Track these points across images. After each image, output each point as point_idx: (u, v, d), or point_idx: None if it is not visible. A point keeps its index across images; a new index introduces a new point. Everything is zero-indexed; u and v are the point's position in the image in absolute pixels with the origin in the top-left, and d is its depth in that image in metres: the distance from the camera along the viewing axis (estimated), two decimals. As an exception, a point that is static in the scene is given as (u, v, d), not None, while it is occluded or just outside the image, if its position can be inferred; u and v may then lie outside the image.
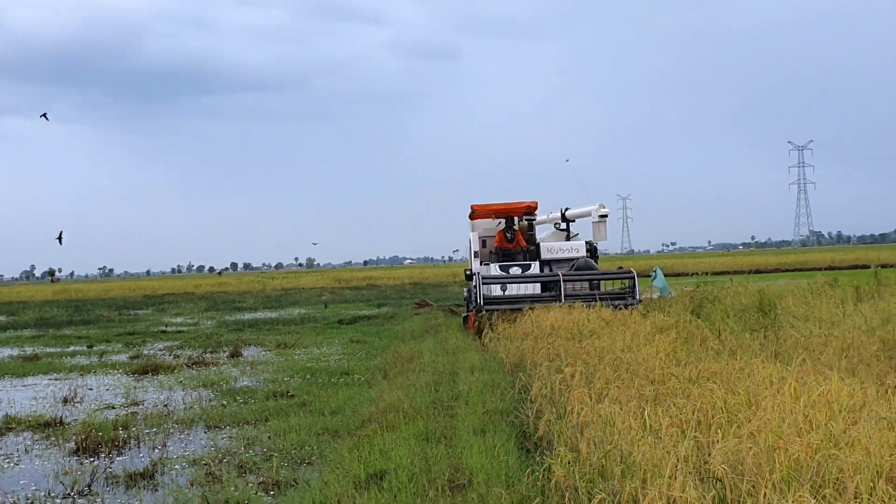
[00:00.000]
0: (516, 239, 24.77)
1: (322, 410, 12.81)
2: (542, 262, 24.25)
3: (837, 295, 22.28)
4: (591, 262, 23.61)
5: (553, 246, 24.87)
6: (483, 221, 25.68)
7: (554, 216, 27.10)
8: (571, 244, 24.98)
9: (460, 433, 9.01)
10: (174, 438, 11.73)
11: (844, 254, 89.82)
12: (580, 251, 24.44)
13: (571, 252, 24.46)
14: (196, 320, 38.78)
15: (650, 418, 6.58)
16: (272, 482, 8.85)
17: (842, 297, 21.60)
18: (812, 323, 15.56)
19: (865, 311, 16.61)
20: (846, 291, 22.49)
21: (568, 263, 23.91)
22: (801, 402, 6.39)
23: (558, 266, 23.96)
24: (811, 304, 19.62)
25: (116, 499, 8.82)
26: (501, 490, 6.47)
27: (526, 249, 24.72)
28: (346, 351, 21.93)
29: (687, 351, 10.61)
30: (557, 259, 24.35)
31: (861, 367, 9.57)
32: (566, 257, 24.30)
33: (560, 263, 24.12)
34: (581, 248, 24.58)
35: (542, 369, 10.36)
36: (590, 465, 5.87)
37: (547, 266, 24.26)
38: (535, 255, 24.47)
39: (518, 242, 24.77)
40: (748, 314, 17.13)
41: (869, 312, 16.38)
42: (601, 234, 24.80)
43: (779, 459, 5.10)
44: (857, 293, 21.69)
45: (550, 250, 24.61)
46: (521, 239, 24.93)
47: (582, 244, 24.75)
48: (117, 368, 20.32)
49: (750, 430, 5.76)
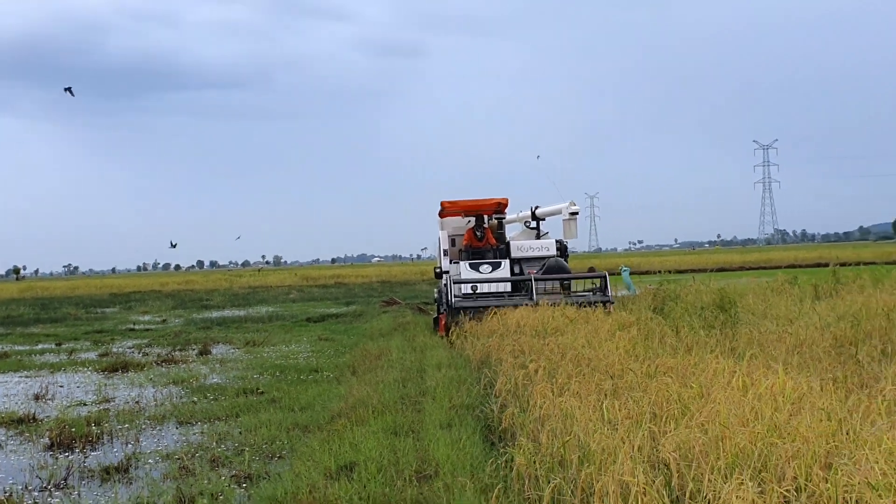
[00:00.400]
0: (486, 237, 24.64)
1: (292, 406, 13.07)
2: (513, 260, 24.07)
3: (797, 293, 22.86)
4: (561, 262, 23.57)
5: (523, 244, 24.75)
6: (453, 219, 25.52)
7: (524, 215, 26.98)
8: (542, 243, 24.88)
9: (427, 427, 9.34)
10: (146, 434, 11.94)
11: (807, 252, 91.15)
12: (550, 250, 24.37)
13: (542, 251, 24.38)
14: (164, 318, 38.77)
15: (608, 411, 6.93)
16: (244, 475, 9.11)
17: (801, 295, 22.17)
18: (770, 320, 16.01)
19: (821, 309, 17.12)
20: (805, 289, 23.08)
21: (538, 262, 23.90)
22: (749, 395, 6.77)
23: (528, 265, 23.92)
24: (770, 301, 20.12)
25: (93, 492, 9.04)
26: (466, 479, 6.80)
27: (496, 248, 24.54)
28: (314, 349, 22.15)
29: (646, 347, 10.99)
30: (528, 258, 24.23)
31: (812, 362, 9.98)
32: (536, 256, 24.23)
33: (530, 262, 24.06)
34: (551, 246, 24.51)
35: (507, 365, 10.71)
36: (550, 455, 6.21)
37: (517, 265, 24.12)
38: (505, 254, 24.27)
39: (488, 241, 24.61)
40: (708, 312, 17.56)
41: (825, 310, 16.88)
42: (572, 232, 24.63)
43: (724, 448, 5.46)
44: (816, 291, 22.25)
45: (521, 249, 24.48)
46: (491, 237, 24.79)
47: (552, 242, 24.68)
48: (87, 366, 20.42)
49: (700, 420, 6.11)
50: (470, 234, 24.76)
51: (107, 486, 9.24)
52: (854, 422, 5.70)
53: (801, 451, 5.15)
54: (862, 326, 12.93)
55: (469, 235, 24.76)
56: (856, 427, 5.40)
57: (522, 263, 24.12)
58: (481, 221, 24.83)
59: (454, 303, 21.04)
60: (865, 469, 4.38)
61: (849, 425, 5.62)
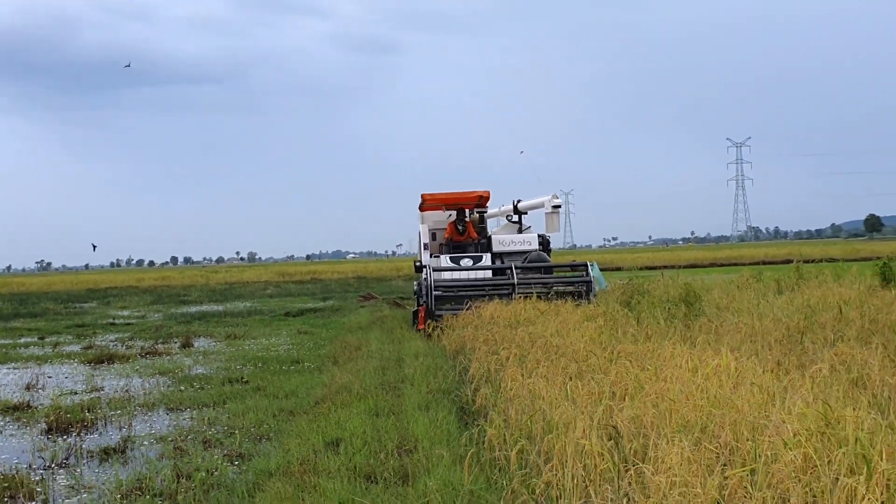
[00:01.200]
0: (467, 231, 24.37)
1: (276, 394, 13.74)
2: (494, 254, 23.89)
3: (760, 288, 23.73)
4: (544, 256, 23.57)
5: (505, 238, 24.50)
6: (433, 213, 25.26)
7: (506, 208, 26.67)
8: (524, 237, 24.61)
9: (407, 409, 10.06)
10: (139, 419, 12.57)
11: (777, 249, 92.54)
12: (532, 244, 24.12)
13: (524, 245, 24.14)
14: (143, 313, 39.26)
15: (571, 390, 7.66)
16: (236, 454, 9.79)
17: (764, 290, 23.04)
18: (731, 312, 16.80)
19: (780, 302, 17.96)
20: (768, 284, 23.94)
21: (520, 256, 23.67)
22: (698, 375, 7.53)
23: (510, 259, 23.63)
24: (733, 296, 20.93)
25: (94, 471, 9.68)
26: (443, 451, 7.52)
27: (477, 241, 24.31)
28: (294, 342, 22.80)
29: (610, 336, 11.74)
30: (509, 252, 24.00)
31: (763, 349, 10.75)
32: (518, 250, 24.01)
33: (512, 256, 23.78)
34: (533, 240, 24.25)
35: (480, 353, 11.44)
36: (518, 428, 6.94)
37: (499, 259, 23.89)
38: (487, 248, 24.08)
39: (469, 234, 24.36)
40: (673, 305, 18.35)
41: (784, 303, 17.72)
42: (554, 226, 24.34)
43: (671, 418, 6.21)
44: (778, 286, 23.10)
45: (502, 243, 24.25)
46: (473, 231, 24.53)
47: (534, 237, 24.41)
48: (73, 358, 20.99)
49: (652, 397, 6.86)
50: (451, 227, 24.54)
51: (106, 466, 9.88)
52: (784, 395, 6.46)
53: (735, 419, 5.89)
54: (815, 318, 13.74)
55: (450, 229, 24.54)
56: (784, 399, 6.15)
57: (504, 257, 23.90)
58: (463, 215, 24.56)
59: (434, 296, 20.73)
60: (782, 430, 5.13)
61: (779, 398, 6.37)
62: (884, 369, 8.08)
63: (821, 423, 5.12)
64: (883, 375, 7.78)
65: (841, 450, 4.67)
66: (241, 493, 7.76)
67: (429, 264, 22.98)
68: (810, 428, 5.16)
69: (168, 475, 8.81)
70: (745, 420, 5.76)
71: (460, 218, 24.46)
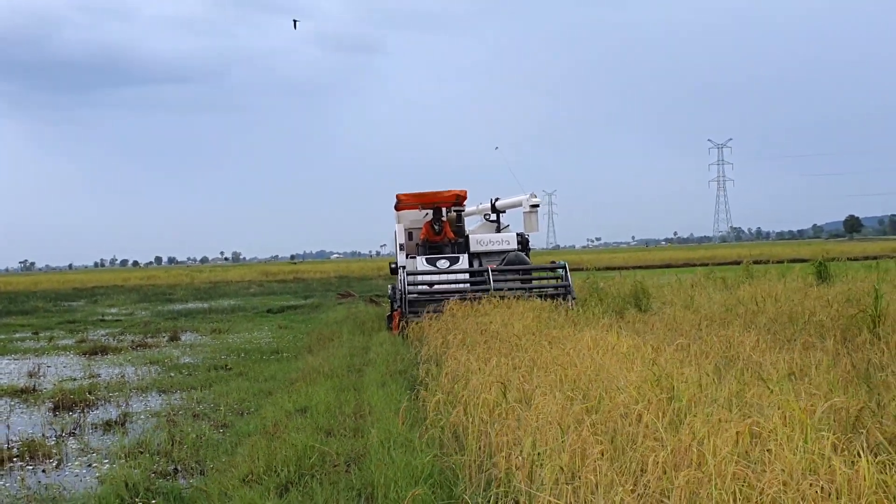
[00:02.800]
0: (444, 230, 23.71)
1: (257, 378, 15.45)
2: (472, 254, 23.33)
3: (710, 285, 25.55)
4: (522, 256, 23.08)
5: (483, 238, 23.82)
6: (409, 213, 24.55)
7: (484, 207, 26.03)
8: (502, 236, 23.97)
9: (366, 385, 11.81)
10: (134, 399, 14.24)
11: (750, 249, 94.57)
12: (511, 243, 23.44)
13: (502, 244, 23.49)
14: (131, 311, 40.78)
15: (497, 366, 9.39)
16: (221, 424, 11.50)
17: (713, 287, 24.86)
18: (670, 306, 18.60)
19: (718, 297, 19.75)
20: (717, 282, 25.77)
21: (499, 256, 23.17)
22: (598, 352, 9.28)
23: (488, 259, 23.19)
24: (680, 292, 22.72)
25: (99, 438, 11.34)
26: (392, 414, 9.25)
27: (454, 241, 23.65)
28: (275, 335, 24.49)
29: (547, 325, 13.49)
30: (487, 252, 23.43)
31: (676, 335, 12.50)
32: (497, 250, 23.41)
33: (490, 256, 23.31)
34: (512, 240, 23.57)
35: (432, 338, 13.17)
36: (446, 391, 8.67)
37: (476, 259, 23.36)
38: (464, 248, 23.44)
39: (446, 234, 23.68)
40: (623, 302, 20.12)
41: (720, 298, 19.51)
42: (533, 225, 23.99)
43: (563, 382, 7.94)
44: (725, 283, 24.91)
45: (480, 242, 23.59)
46: (449, 230, 23.86)
47: (513, 236, 23.73)
48: (68, 350, 22.59)
49: (554, 368, 8.60)
50: (427, 227, 23.88)
51: (109, 434, 11.55)
52: (664, 366, 8.19)
53: (615, 382, 7.62)
54: (734, 310, 15.57)
55: (426, 229, 23.87)
56: (660, 368, 7.87)
57: (482, 258, 23.40)
58: (439, 214, 23.89)
59: (408, 299, 20.06)
60: (623, 383, 6.89)
61: (658, 368, 8.10)
62: (754, 349, 9.87)
63: (651, 377, 6.90)
64: (751, 354, 9.56)
65: (659, 395, 6.43)
66: (225, 448, 9.49)
67: (403, 267, 22.56)
68: (641, 380, 6.95)
69: (164, 439, 10.51)
70: (616, 384, 7.50)
71: (436, 217, 23.89)
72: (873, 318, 12.36)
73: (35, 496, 8.47)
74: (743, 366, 8.57)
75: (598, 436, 5.62)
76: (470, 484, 6.22)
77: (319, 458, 7.99)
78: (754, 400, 6.27)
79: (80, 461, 10.04)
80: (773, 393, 6.28)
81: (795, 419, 5.26)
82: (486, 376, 8.30)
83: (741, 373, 7.85)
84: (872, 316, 12.38)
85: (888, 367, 8.73)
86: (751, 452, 4.89)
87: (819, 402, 5.77)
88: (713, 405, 6.04)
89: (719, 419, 5.37)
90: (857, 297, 15.40)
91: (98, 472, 9.42)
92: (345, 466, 7.86)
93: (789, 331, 12.66)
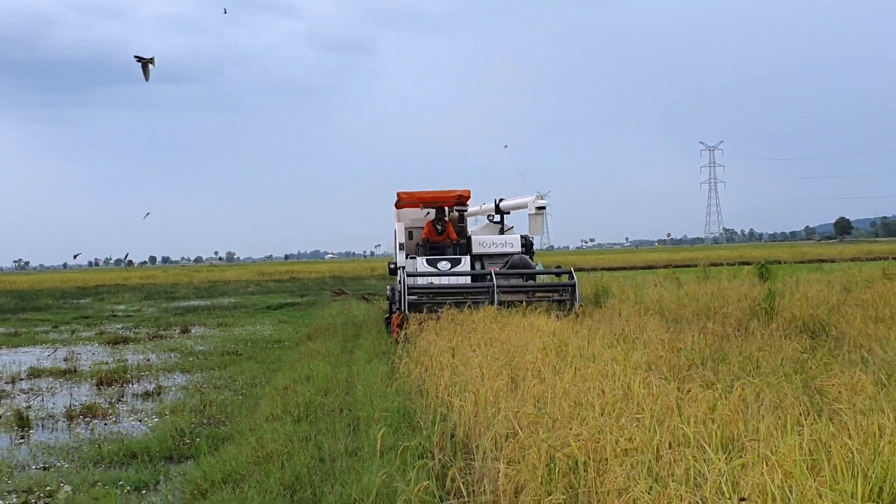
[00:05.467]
0: (446, 231, 22.97)
1: (264, 361, 18.32)
2: (474, 256, 22.57)
3: (667, 285, 28.48)
4: (526, 260, 22.27)
5: (486, 240, 23.01)
6: (410, 211, 23.83)
7: (487, 207, 25.14)
8: (506, 238, 23.14)
9: (356, 361, 14.76)
10: (163, 377, 17.05)
11: (740, 251, 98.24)
12: (515, 245, 22.74)
13: (506, 247, 22.76)
14: (138, 307, 43.45)
15: (454, 342, 12.25)
16: (239, 391, 14.38)
17: (667, 286, 27.78)
18: (622, 302, 21.49)
19: (667, 294, 22.65)
20: (672, 282, 28.69)
21: (501, 259, 22.40)
22: (534, 333, 12.18)
23: (491, 261, 22.43)
24: (638, 290, 25.62)
25: (142, 404, 14.18)
26: (374, 378, 12.13)
27: (456, 242, 22.87)
28: (276, 328, 27.35)
29: (507, 315, 16.37)
30: (490, 254, 22.68)
31: (609, 323, 15.38)
32: (500, 252, 22.66)
33: (493, 258, 22.54)
34: (516, 242, 22.83)
35: (413, 327, 16.06)
36: (415, 360, 11.59)
37: (479, 261, 22.60)
38: (466, 249, 22.67)
39: (448, 235, 22.92)
40: (585, 298, 22.99)
41: (668, 294, 22.40)
42: (538, 228, 23.32)
43: (497, 354, 10.82)
44: (678, 282, 27.82)
45: (483, 244, 22.81)
46: (452, 231, 23.09)
47: (517, 238, 22.97)
48: (91, 341, 25.37)
49: (494, 343, 11.49)
50: (429, 226, 23.10)
51: (150, 401, 14.40)
52: (572, 339, 11.09)
53: (526, 348, 10.48)
54: (667, 305, 18.51)
55: (428, 228, 23.11)
56: (559, 339, 10.76)
57: (484, 260, 22.65)
58: (442, 214, 23.12)
59: (409, 301, 19.38)
60: (535, 348, 9.83)
61: (557, 338, 10.98)
62: (655, 331, 12.78)
63: (550, 344, 9.84)
64: (650, 335, 12.45)
65: (555, 355, 9.35)
66: (247, 406, 12.39)
67: (403, 267, 21.76)
68: (545, 346, 9.90)
69: (196, 402, 13.38)
70: (525, 346, 10.40)
71: (439, 217, 23.14)
72: (767, 311, 15.32)
73: (106, 438, 11.31)
74: (626, 338, 11.52)
75: (504, 378, 8.51)
76: (423, 415, 9.08)
77: (320, 406, 10.92)
78: (611, 356, 9.17)
79: (132, 418, 12.91)
80: (621, 352, 9.21)
81: (623, 364, 8.19)
82: (443, 348, 11.19)
83: (620, 341, 10.78)
84: (766, 309, 15.34)
85: (732, 338, 11.71)
86: (590, 383, 7.75)
87: (647, 355, 8.71)
88: (584, 360, 8.96)
89: (577, 367, 8.28)
90: (772, 294, 18.32)
91: (148, 424, 12.28)
92: (339, 410, 10.78)
93: (702, 320, 15.60)
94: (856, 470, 4.78)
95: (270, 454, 8.52)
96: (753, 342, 12.24)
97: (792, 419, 5.72)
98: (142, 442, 10.76)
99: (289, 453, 8.51)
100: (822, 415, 6.13)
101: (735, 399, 6.49)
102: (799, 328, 14.83)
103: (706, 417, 5.93)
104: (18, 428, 12.26)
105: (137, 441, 10.92)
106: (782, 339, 12.65)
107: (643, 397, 6.66)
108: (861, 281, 22.61)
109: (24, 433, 12.00)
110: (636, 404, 6.47)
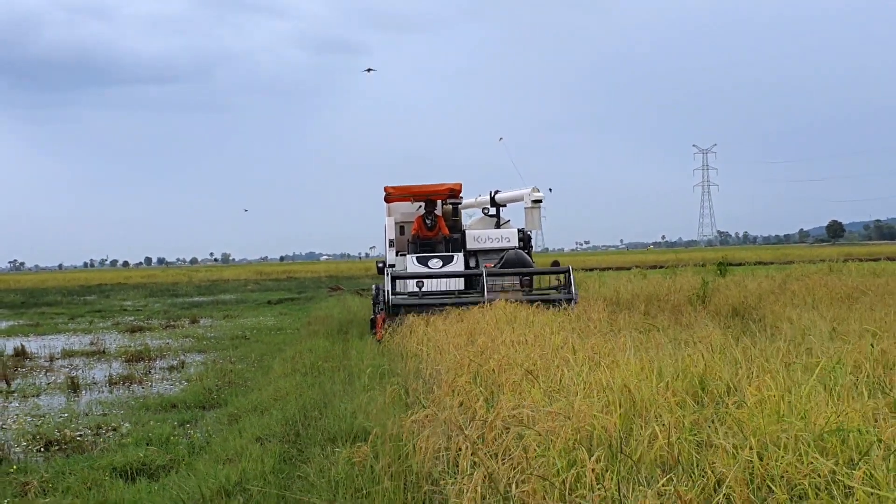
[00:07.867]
0: (437, 226, 21.57)
1: (270, 343, 20.91)
2: (468, 252, 21.28)
3: (636, 281, 31.12)
4: (522, 255, 20.68)
5: (480, 234, 21.72)
6: (402, 205, 22.37)
7: (482, 199, 23.81)
8: (502, 232, 21.99)
9: (350, 340, 17.37)
10: (183, 356, 19.61)
11: (714, 253, 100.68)
12: (511, 240, 21.47)
13: (501, 241, 21.50)
14: (144, 303, 45.94)
15: (447, 329, 14.80)
16: (252, 364, 16.99)
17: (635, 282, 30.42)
18: (584, 292, 24.08)
19: (629, 288, 25.28)
20: (640, 278, 31.35)
21: (497, 255, 21.10)
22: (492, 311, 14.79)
23: (486, 257, 21.29)
24: (610, 285, 28.22)
25: (169, 376, 16.71)
26: (367, 349, 14.75)
27: (449, 238, 21.51)
28: (277, 319, 29.93)
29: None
30: (485, 249, 21.42)
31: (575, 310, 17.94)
32: (495, 247, 21.40)
33: (488, 254, 21.35)
34: (513, 236, 21.61)
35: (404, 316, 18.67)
36: (400, 334, 14.21)
37: (473, 257, 21.36)
38: (460, 245, 21.37)
39: (439, 230, 21.53)
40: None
41: (631, 288, 25.02)
42: (535, 222, 21.91)
43: (462, 327, 13.40)
44: (645, 278, 30.46)
45: (477, 239, 21.52)
46: (444, 226, 21.74)
47: (514, 232, 21.78)
48: (110, 330, 27.87)
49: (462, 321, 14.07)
50: (419, 221, 21.63)
51: (174, 373, 16.96)
52: (522, 314, 13.68)
53: (496, 326, 13.05)
54: (624, 296, 21.14)
55: (418, 223, 21.63)
56: (517, 314, 13.36)
57: (479, 256, 21.43)
58: (432, 207, 21.74)
59: (393, 302, 18.35)
60: (509, 334, 12.44)
61: (518, 316, 13.57)
62: (599, 313, 15.38)
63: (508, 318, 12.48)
64: (591, 315, 15.03)
65: (505, 322, 11.96)
66: (262, 372, 15.03)
67: (392, 265, 20.93)
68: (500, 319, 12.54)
69: (217, 370, 15.98)
70: (495, 325, 12.99)
71: (429, 211, 21.68)
72: (700, 298, 17.99)
73: (146, 396, 13.89)
74: (570, 317, 14.15)
75: (463, 337, 11.09)
76: (402, 368, 11.61)
77: (322, 367, 13.61)
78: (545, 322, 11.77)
79: (164, 383, 15.52)
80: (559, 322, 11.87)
81: (550, 326, 10.83)
82: (423, 326, 13.81)
83: (561, 317, 13.45)
84: (700, 297, 18.01)
85: (658, 317, 14.34)
86: (521, 337, 10.32)
87: (578, 325, 11.35)
88: (526, 325, 11.58)
89: (515, 329, 10.89)
90: (706, 284, 20.90)
91: (178, 387, 14.86)
92: (337, 369, 13.40)
93: (648, 306, 18.26)
94: (684, 375, 7.38)
95: (286, 393, 11.25)
96: (682, 321, 14.88)
97: (650, 352, 8.34)
98: (178, 397, 13.38)
99: (299, 393, 11.22)
100: (671, 351, 8.72)
101: (620, 343, 9.12)
102: (730, 313, 17.50)
103: (590, 352, 8.57)
104: (71, 391, 14.81)
105: (174, 396, 13.52)
106: (708, 319, 15.27)
107: (551, 341, 9.30)
108: (800, 276, 25.22)
109: (78, 394, 14.58)
110: (544, 345, 9.11)
